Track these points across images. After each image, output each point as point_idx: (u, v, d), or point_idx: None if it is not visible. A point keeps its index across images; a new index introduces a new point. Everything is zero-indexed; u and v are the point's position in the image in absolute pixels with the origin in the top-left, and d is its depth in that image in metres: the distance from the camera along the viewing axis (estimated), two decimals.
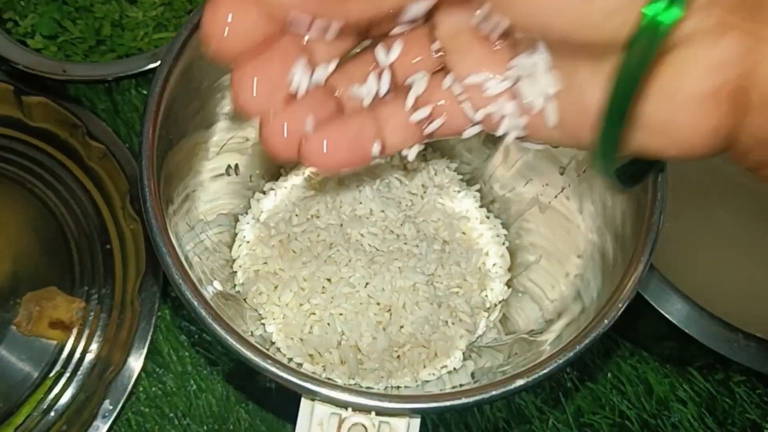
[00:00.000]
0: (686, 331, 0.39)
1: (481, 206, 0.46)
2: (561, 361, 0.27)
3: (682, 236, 0.46)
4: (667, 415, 0.48)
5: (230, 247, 0.42)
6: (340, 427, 0.25)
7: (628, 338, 0.50)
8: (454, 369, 0.40)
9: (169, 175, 0.33)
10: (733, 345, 0.39)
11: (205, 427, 0.47)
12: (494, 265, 0.45)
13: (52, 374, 0.47)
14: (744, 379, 0.49)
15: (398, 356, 0.40)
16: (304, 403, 0.26)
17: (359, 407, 0.25)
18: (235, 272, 0.41)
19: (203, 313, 0.26)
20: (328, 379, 0.32)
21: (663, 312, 0.39)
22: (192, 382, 0.48)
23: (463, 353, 0.41)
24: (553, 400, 0.48)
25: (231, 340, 0.26)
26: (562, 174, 0.40)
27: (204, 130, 0.38)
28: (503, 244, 0.45)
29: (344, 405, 0.25)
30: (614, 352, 0.50)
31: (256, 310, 0.39)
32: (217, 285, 0.34)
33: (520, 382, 0.26)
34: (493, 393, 0.26)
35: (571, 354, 0.27)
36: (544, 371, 0.26)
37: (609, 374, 0.49)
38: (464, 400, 0.26)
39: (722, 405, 0.48)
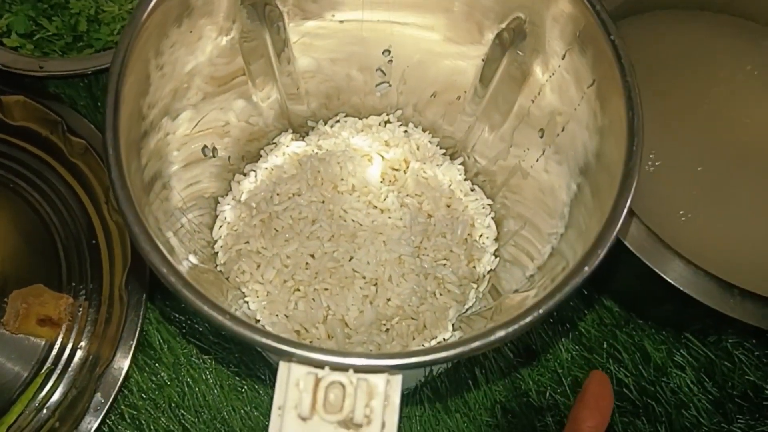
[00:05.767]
0: (683, 289, 0.38)
1: (465, 179, 0.46)
2: (542, 311, 0.26)
3: (675, 191, 0.45)
4: (666, 381, 0.47)
5: (211, 228, 0.41)
6: (317, 385, 0.24)
7: (624, 305, 0.49)
8: (444, 340, 0.40)
9: (143, 161, 0.33)
10: (729, 301, 0.39)
11: (200, 417, 0.47)
12: (481, 236, 0.44)
13: (42, 372, 0.46)
14: (738, 341, 0.48)
15: (387, 329, 0.39)
16: (282, 366, 0.25)
17: (336, 366, 0.24)
18: (217, 253, 0.40)
19: (173, 280, 0.26)
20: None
21: (660, 273, 0.39)
22: (184, 372, 0.48)
23: (453, 324, 0.41)
24: (550, 372, 0.47)
25: (201, 305, 0.26)
26: (542, 137, 0.39)
27: (177, 114, 0.37)
28: (489, 214, 0.45)
29: (321, 365, 0.25)
30: (609, 321, 0.49)
31: (238, 288, 0.39)
32: (192, 258, 0.34)
33: (500, 334, 0.26)
34: (473, 345, 0.25)
35: (552, 303, 0.26)
36: (526, 320, 0.26)
37: (605, 344, 0.48)
38: (444, 354, 0.25)
39: (721, 368, 0.47)
